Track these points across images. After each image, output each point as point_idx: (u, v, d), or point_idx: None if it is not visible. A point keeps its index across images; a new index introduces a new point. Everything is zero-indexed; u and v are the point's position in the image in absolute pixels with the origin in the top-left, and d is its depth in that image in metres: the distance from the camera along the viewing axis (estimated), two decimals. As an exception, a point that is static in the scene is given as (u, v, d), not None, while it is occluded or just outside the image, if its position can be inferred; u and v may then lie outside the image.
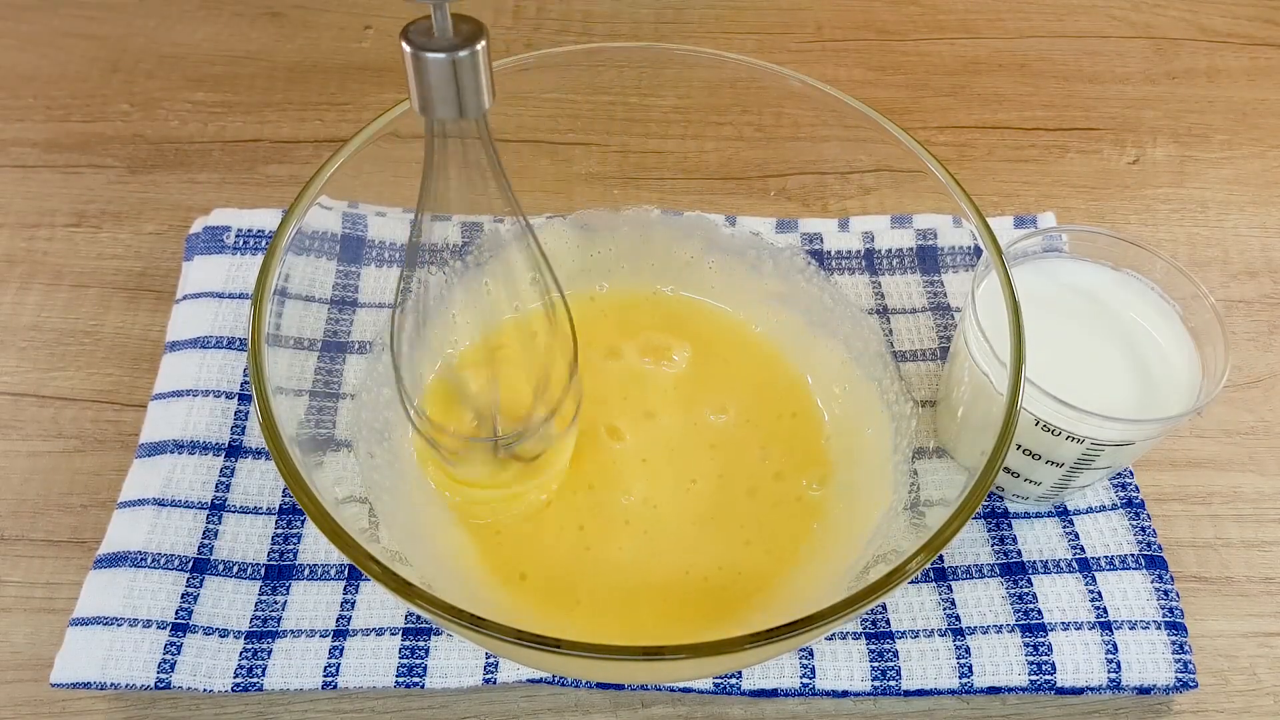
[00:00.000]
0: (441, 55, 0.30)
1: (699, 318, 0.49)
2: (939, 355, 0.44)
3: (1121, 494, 0.44)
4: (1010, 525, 0.43)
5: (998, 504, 0.44)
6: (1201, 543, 0.45)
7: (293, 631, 0.40)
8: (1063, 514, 0.44)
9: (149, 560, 0.41)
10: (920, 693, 0.40)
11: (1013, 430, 0.35)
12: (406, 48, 0.30)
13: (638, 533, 0.42)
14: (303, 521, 0.43)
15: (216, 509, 0.43)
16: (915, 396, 0.44)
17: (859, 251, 0.49)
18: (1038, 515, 0.44)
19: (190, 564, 0.41)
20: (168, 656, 0.39)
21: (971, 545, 0.43)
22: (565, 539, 0.42)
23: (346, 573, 0.42)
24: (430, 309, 0.44)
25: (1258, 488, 0.46)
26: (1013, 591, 0.42)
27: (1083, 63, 0.64)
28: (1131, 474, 0.44)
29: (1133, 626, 0.40)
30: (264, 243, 0.50)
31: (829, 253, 0.49)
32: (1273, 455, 0.47)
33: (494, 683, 0.40)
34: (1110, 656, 0.40)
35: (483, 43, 0.30)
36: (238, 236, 0.50)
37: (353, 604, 0.41)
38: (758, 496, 0.43)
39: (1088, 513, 0.43)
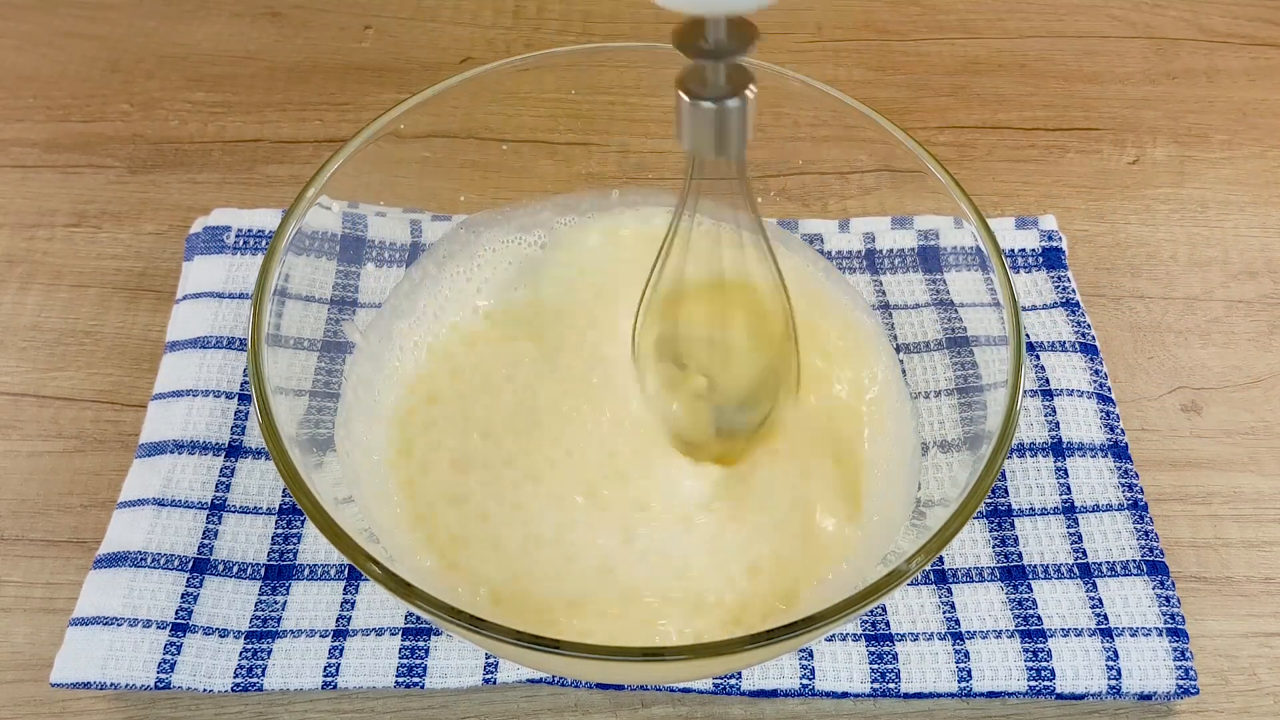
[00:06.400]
0: (710, 104, 0.32)
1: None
2: (944, 346, 0.44)
3: (1128, 494, 0.44)
4: (1013, 525, 0.43)
5: (1000, 502, 0.44)
6: (1201, 543, 0.45)
7: (293, 631, 0.40)
8: (1068, 511, 0.43)
9: (149, 560, 0.41)
10: (919, 695, 0.40)
11: (1013, 430, 0.35)
12: (684, 98, 0.32)
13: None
14: (303, 521, 0.43)
15: (216, 509, 0.43)
16: (919, 389, 0.44)
17: (860, 252, 0.49)
18: (1043, 513, 0.43)
19: (190, 564, 0.41)
20: (168, 656, 0.39)
21: (972, 547, 0.43)
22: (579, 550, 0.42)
23: (346, 573, 0.42)
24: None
25: (1258, 488, 0.46)
26: (1012, 597, 0.41)
27: (1083, 63, 0.64)
28: (1137, 475, 0.44)
29: (1134, 633, 0.40)
30: (264, 243, 0.50)
31: (829, 253, 0.49)
32: (1273, 455, 0.47)
33: (494, 683, 0.40)
34: (1111, 663, 0.40)
35: (749, 92, 0.32)
36: (238, 236, 0.50)
37: (353, 604, 0.41)
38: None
39: (1093, 511, 0.43)
